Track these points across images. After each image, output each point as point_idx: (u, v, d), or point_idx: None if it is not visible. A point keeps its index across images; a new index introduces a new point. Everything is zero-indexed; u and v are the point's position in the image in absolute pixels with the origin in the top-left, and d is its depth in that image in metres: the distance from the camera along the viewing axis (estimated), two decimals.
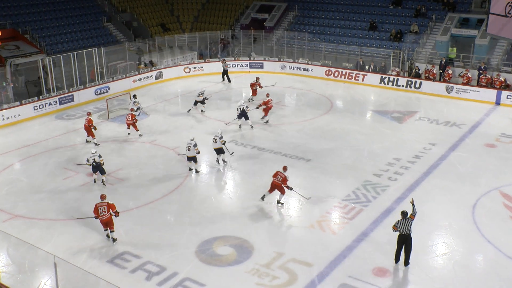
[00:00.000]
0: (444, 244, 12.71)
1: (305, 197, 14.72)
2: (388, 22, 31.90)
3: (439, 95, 25.33)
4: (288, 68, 30.51)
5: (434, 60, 27.21)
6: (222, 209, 14.47)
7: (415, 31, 29.65)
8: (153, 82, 28.29)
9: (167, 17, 41.23)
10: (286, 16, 36.45)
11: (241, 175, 16.71)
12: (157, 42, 30.96)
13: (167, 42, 31.10)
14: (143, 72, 28.26)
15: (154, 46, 31.29)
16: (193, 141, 16.56)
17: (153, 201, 14.84)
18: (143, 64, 30.16)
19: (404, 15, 31.66)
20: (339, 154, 18.17)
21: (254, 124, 21.13)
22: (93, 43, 33.56)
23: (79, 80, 25.31)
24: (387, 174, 16.34)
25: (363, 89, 27.14)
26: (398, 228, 11.68)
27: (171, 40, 31.62)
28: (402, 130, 20.73)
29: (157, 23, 39.98)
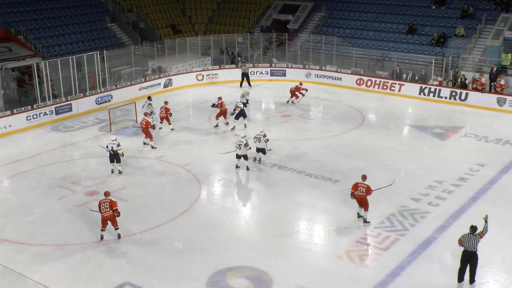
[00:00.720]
0: (497, 283, 12.51)
1: (388, 184, 15.70)
2: (429, 24, 31.90)
3: (488, 108, 25.13)
4: (314, 76, 30.66)
5: (484, 68, 27.07)
6: (237, 236, 14.52)
7: (461, 35, 29.58)
8: (162, 91, 28.67)
9: (178, 18, 41.91)
10: (313, 17, 36.73)
11: (259, 197, 16.77)
12: (166, 45, 31.46)
13: (178, 46, 31.56)
14: (151, 79, 28.69)
15: (163, 50, 31.80)
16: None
17: (159, 225, 14.96)
18: (151, 70, 30.62)
19: (449, 16, 31.63)
20: (372, 175, 18.04)
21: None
22: (95, 46, 34.26)
23: (78, 88, 25.82)
24: (427, 199, 16.22)
25: (399, 100, 27.08)
26: (464, 243, 12.04)
27: (182, 43, 32.10)
28: (445, 148, 20.58)
29: (166, 24, 40.66)
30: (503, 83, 25.20)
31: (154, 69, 30.50)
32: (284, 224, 14.97)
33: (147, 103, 22.91)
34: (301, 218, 15.28)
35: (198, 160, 19.51)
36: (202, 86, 30.35)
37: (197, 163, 19.19)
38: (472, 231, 12.04)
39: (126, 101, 25.84)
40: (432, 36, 30.55)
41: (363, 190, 14.74)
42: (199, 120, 24.18)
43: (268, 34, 34.70)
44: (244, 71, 30.12)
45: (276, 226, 14.87)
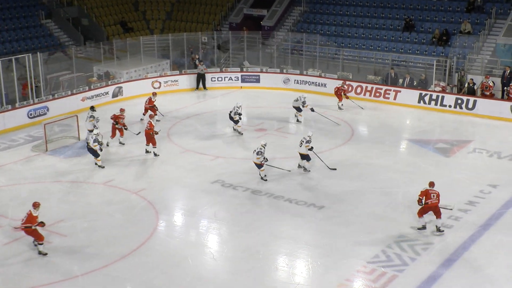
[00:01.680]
0: None
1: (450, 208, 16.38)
2: (430, 19, 32.57)
3: (501, 118, 25.66)
4: (294, 83, 30.96)
5: (494, 71, 27.68)
6: (203, 275, 14.44)
7: (468, 31, 30.26)
8: (110, 101, 28.55)
9: (130, 13, 41.98)
10: (291, 12, 37.17)
11: (229, 228, 16.76)
12: (115, 46, 31.43)
13: (130, 47, 31.59)
14: (96, 87, 28.57)
15: (112, 52, 31.74)
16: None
17: (107, 265, 14.80)
18: (97, 77, 30.50)
19: (453, 10, 32.37)
20: (364, 200, 18.26)
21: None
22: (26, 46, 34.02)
23: (6, 98, 25.57)
24: (430, 227, 16.40)
25: (396, 110, 27.49)
26: None
27: (134, 44, 32.13)
28: (450, 166, 20.92)
29: (115, 21, 40.66)
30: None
31: (101, 75, 30.39)
32: (259, 260, 14.97)
33: (90, 114, 22.80)
34: (279, 253, 15.28)
35: (155, 185, 19.43)
36: (159, 95, 30.28)
37: (154, 188, 19.11)
38: None
39: (66, 114, 25.57)
40: (433, 34, 31.17)
41: (435, 197, 15.91)
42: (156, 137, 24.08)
43: (239, 32, 34.96)
44: (200, 72, 30.32)
45: (249, 262, 14.84)
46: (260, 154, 19.32)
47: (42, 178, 20.16)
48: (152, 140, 21.83)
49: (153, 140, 21.84)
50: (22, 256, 15.14)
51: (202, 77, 30.65)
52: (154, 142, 21.89)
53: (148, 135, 21.79)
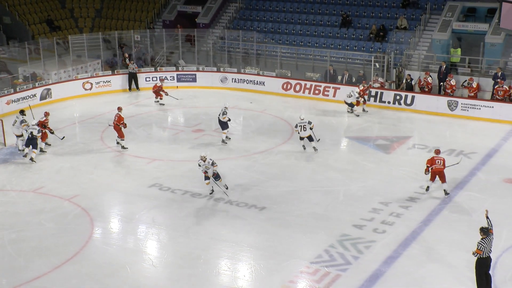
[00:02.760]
0: None
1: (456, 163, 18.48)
2: (366, 15, 33.23)
3: (439, 113, 26.46)
4: (231, 81, 31.04)
5: (431, 66, 28.51)
6: (142, 283, 14.30)
7: (404, 27, 31.02)
8: (38, 104, 27.95)
9: (56, 11, 41.16)
10: (226, 9, 37.25)
11: (168, 232, 16.67)
12: (42, 46, 30.73)
13: (57, 47, 30.95)
14: (23, 90, 27.91)
15: (38, 52, 31.04)
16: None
17: (38, 277, 14.48)
18: (22, 78, 29.79)
19: (389, 5, 33.13)
20: (305, 199, 18.48)
21: None
22: None
23: None
24: (372, 225, 16.76)
25: (335, 107, 27.92)
26: (484, 250, 12.85)
27: (63, 43, 31.49)
28: (390, 163, 21.41)
29: (41, 19, 39.78)
30: (453, 83, 26.60)
31: (27, 76, 29.71)
32: (200, 265, 14.94)
33: (19, 119, 22.21)
34: (221, 257, 15.31)
35: (89, 191, 19.13)
36: (91, 97, 29.85)
37: (87, 195, 18.81)
38: (485, 233, 12.91)
39: None
40: (370, 29, 31.81)
41: (441, 163, 18.12)
42: (88, 140, 23.74)
43: (173, 30, 34.79)
44: (131, 71, 30.07)
45: (190, 268, 14.81)
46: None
47: None
48: (120, 132, 22.54)
49: (121, 132, 22.54)
50: None
51: (134, 76, 30.34)
52: (122, 134, 22.59)
53: (117, 128, 22.49)
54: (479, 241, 12.95)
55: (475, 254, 13.01)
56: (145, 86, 30.87)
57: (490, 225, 13.30)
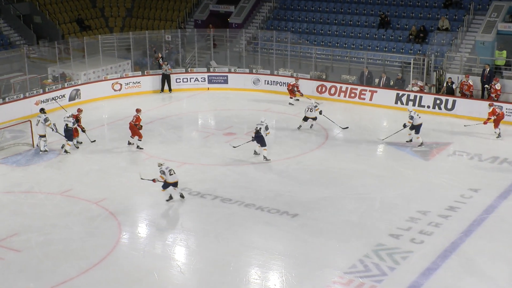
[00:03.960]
0: None
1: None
2: (406, 15, 32.98)
3: (481, 118, 26.04)
4: (264, 83, 31.07)
5: (474, 69, 28.14)
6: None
7: (446, 28, 30.72)
8: (67, 105, 28.27)
9: (87, 10, 41.70)
10: (260, 8, 37.31)
11: (197, 238, 16.73)
12: (72, 46, 31.17)
13: (87, 46, 31.36)
14: (52, 90, 28.30)
15: (68, 52, 31.48)
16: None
17: (65, 281, 14.64)
18: (52, 78, 30.19)
19: (430, 5, 32.84)
20: (339, 207, 18.40)
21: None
22: None
23: None
24: (410, 235, 16.62)
25: (371, 111, 27.80)
26: None
27: (93, 43, 31.89)
28: (429, 170, 21.21)
29: (71, 19, 40.35)
30: (498, 87, 26.18)
31: (56, 76, 30.11)
32: (230, 272, 14.97)
33: (42, 118, 22.49)
34: (252, 264, 15.31)
35: (117, 194, 19.31)
36: (120, 98, 30.14)
37: (116, 198, 18.99)
38: None
39: (18, 119, 25.37)
40: (410, 30, 31.56)
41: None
42: (117, 142, 23.97)
43: (205, 30, 34.97)
44: (165, 72, 30.24)
45: (220, 275, 14.83)
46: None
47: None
48: (137, 132, 22.85)
49: (138, 132, 22.86)
50: None
51: (167, 78, 30.55)
52: (140, 134, 22.93)
53: (133, 128, 22.81)
54: None
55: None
56: (177, 87, 31.05)
57: None
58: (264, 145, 21.66)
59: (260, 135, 21.51)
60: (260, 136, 21.50)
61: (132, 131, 23.00)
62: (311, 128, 24.92)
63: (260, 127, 21.49)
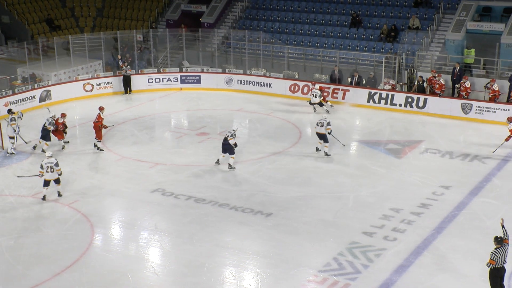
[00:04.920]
0: None
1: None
2: (377, 14, 33.24)
3: (452, 116, 26.40)
4: (237, 83, 31.07)
5: (444, 68, 28.46)
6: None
7: (416, 27, 31.01)
8: (37, 106, 28.06)
9: (56, 10, 41.34)
10: (232, 8, 37.31)
11: (171, 240, 16.68)
12: (41, 46, 30.86)
13: (57, 47, 31.07)
14: (21, 91, 28.01)
15: (38, 53, 31.17)
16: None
17: (37, 285, 14.50)
18: (21, 79, 29.89)
19: (400, 4, 33.13)
20: (313, 205, 18.46)
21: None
22: None
23: None
24: (383, 232, 16.73)
25: (344, 110, 27.94)
26: (497, 260, 12.82)
27: (63, 43, 31.62)
28: (401, 168, 21.38)
29: (41, 19, 39.97)
30: (468, 85, 26.50)
31: (26, 77, 29.81)
32: (204, 273, 14.95)
33: (10, 117, 22.31)
34: (226, 264, 15.32)
35: (89, 196, 19.18)
36: (92, 99, 29.92)
37: (88, 200, 18.86)
38: (499, 243, 12.93)
39: None
40: (381, 29, 31.81)
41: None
42: (88, 143, 23.78)
43: (177, 30, 34.88)
44: (125, 73, 30.09)
45: (194, 276, 14.81)
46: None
47: None
48: (99, 133, 22.61)
49: (99, 133, 22.62)
50: None
51: (127, 79, 30.29)
52: (100, 135, 22.68)
53: (96, 128, 22.57)
54: (493, 250, 12.93)
55: (488, 264, 12.99)
56: (149, 87, 30.93)
57: (505, 234, 13.25)
58: (233, 154, 21.11)
59: (227, 143, 20.95)
60: (228, 144, 20.95)
61: (96, 130, 22.83)
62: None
63: (228, 135, 21.00)
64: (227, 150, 21.02)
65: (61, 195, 18.90)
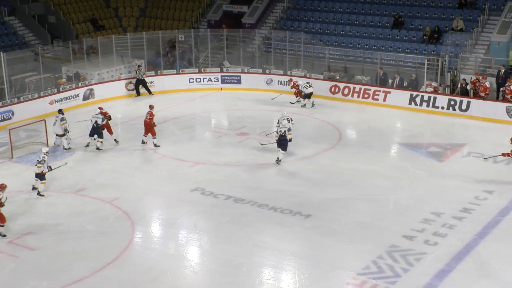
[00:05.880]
0: None
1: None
2: (420, 15, 32.87)
3: (496, 120, 25.94)
4: (277, 83, 31.05)
5: (489, 70, 27.99)
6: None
7: (460, 28, 30.58)
8: (80, 104, 28.46)
9: (101, 10, 41.89)
10: (273, 9, 37.32)
11: (210, 239, 16.75)
12: (86, 45, 31.30)
13: (101, 46, 31.48)
14: (66, 90, 28.44)
15: (82, 52, 31.62)
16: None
17: (78, 280, 14.69)
18: (66, 78, 30.33)
19: (444, 6, 32.71)
20: (352, 208, 18.35)
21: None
22: None
23: None
24: (423, 236, 16.54)
25: (385, 112, 27.72)
26: None
27: (106, 43, 31.99)
28: (443, 171, 21.09)
29: (85, 19, 40.54)
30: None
31: (70, 76, 30.25)
32: (242, 273, 14.97)
33: (59, 117, 22.73)
34: (264, 265, 15.30)
35: (130, 194, 19.37)
36: (134, 98, 30.24)
37: (129, 197, 19.05)
38: None
39: (33, 119, 25.55)
40: (424, 31, 31.45)
41: None
42: (130, 142, 24.04)
43: (218, 30, 35.00)
44: (139, 77, 30.07)
45: (232, 276, 14.84)
46: (43, 163, 19.17)
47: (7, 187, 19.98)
48: (152, 130, 22.91)
49: (153, 130, 22.93)
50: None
51: (142, 82, 30.25)
52: (154, 132, 22.96)
53: (149, 125, 22.86)
54: None
55: None
56: (190, 87, 31.11)
57: None
58: (285, 150, 21.40)
59: (285, 138, 21.33)
60: (285, 139, 21.30)
61: (147, 128, 23.03)
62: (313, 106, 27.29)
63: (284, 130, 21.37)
64: (283, 145, 21.33)
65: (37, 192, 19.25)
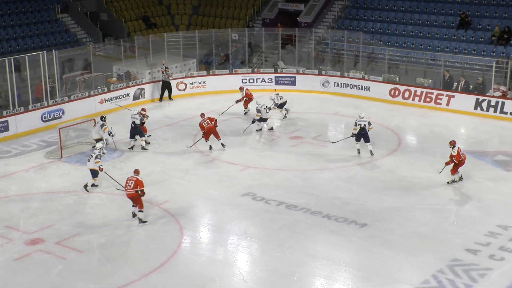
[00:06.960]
0: None
1: None
2: (488, 15, 32.26)
3: None
4: (334, 85, 30.90)
5: None
6: None
7: None
8: (131, 104, 28.77)
9: (153, 8, 42.42)
10: (331, 7, 37.17)
11: (260, 246, 16.73)
12: (137, 44, 31.71)
13: (153, 45, 31.85)
14: (116, 88, 28.84)
15: (133, 50, 32.02)
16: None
17: (125, 285, 14.88)
18: (116, 77, 30.76)
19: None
20: (411, 218, 18.09)
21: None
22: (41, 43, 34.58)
23: (18, 99, 25.91)
24: (488, 251, 16.20)
25: (448, 117, 27.28)
26: None
27: (158, 41, 32.37)
28: (511, 181, 20.65)
29: (137, 16, 41.10)
30: None
31: (121, 75, 30.66)
32: (294, 282, 14.92)
33: (100, 124, 22.92)
34: (317, 275, 15.23)
35: (179, 197, 19.52)
36: (185, 98, 30.48)
37: (177, 201, 19.21)
38: None
39: (83, 118, 25.94)
40: (493, 31, 30.88)
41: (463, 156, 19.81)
42: (180, 143, 24.23)
43: (273, 29, 35.03)
44: (165, 79, 29.87)
45: (283, 285, 14.80)
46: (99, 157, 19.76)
47: (56, 187, 20.39)
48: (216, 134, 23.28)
49: (216, 133, 23.28)
50: (32, 274, 15.30)
51: (167, 85, 30.06)
52: (217, 135, 23.32)
53: (214, 130, 23.15)
54: None
55: None
56: None
57: None
58: (369, 141, 22.41)
59: (365, 131, 22.24)
60: (366, 133, 22.26)
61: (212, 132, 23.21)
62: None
63: (364, 124, 22.17)
64: (365, 138, 22.30)
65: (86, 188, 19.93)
